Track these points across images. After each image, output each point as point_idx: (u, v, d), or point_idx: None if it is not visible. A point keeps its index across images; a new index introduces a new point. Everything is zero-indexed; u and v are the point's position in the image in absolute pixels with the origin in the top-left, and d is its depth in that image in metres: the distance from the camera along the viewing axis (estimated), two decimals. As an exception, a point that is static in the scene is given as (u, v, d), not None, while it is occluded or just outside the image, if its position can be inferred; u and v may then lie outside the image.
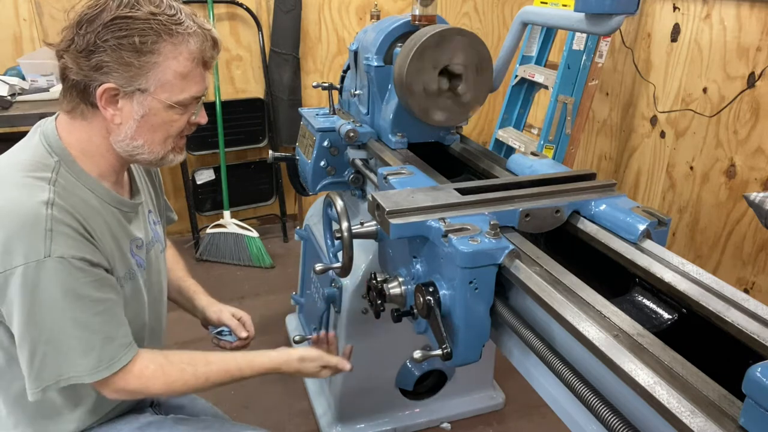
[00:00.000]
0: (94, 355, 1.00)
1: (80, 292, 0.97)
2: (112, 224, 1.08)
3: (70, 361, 0.99)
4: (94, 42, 0.95)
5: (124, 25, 0.95)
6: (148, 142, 1.05)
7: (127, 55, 0.96)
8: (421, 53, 1.48)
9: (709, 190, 2.36)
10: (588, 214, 1.15)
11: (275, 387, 2.29)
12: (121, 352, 1.03)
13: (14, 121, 2.35)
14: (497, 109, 3.07)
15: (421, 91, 1.53)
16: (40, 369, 0.98)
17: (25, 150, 1.05)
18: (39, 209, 0.95)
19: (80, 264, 0.97)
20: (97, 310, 1.00)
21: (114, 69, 0.96)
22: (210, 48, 1.04)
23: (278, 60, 3.16)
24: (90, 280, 0.99)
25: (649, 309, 0.98)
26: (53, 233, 0.94)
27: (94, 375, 1.00)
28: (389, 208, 1.05)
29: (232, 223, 3.17)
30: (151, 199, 1.28)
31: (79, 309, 0.98)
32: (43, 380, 0.99)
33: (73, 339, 0.98)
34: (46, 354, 0.97)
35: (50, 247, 0.94)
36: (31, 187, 0.97)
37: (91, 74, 0.97)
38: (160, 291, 1.27)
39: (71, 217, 0.98)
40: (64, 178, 1.02)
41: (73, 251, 0.96)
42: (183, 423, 1.23)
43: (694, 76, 2.38)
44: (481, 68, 1.56)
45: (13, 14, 2.77)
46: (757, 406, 0.57)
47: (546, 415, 2.14)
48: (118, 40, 0.95)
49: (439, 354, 1.00)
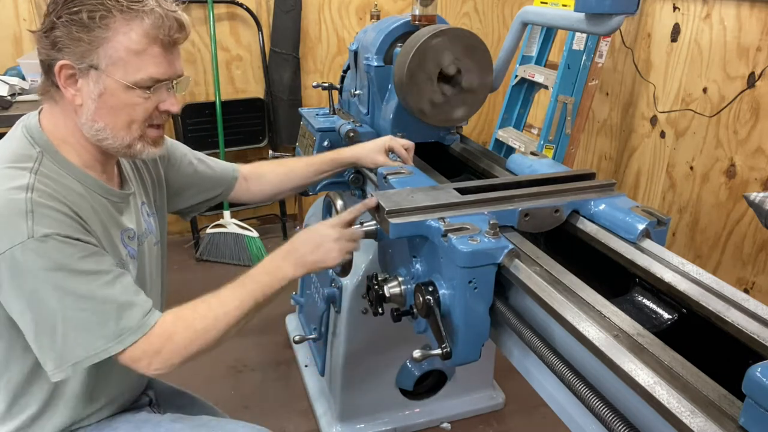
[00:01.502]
0: (112, 325, 0.97)
1: (76, 267, 0.95)
2: (101, 212, 1.06)
3: (93, 333, 0.96)
4: (52, 21, 0.96)
5: (78, 2, 0.96)
6: (110, 125, 1.03)
7: (77, 30, 0.96)
8: (420, 54, 1.48)
9: (709, 190, 2.36)
10: (587, 213, 1.15)
11: (275, 387, 2.29)
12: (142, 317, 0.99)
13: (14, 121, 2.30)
14: (497, 109, 3.07)
15: (421, 92, 1.53)
16: (65, 347, 0.95)
17: (7, 142, 1.05)
18: (17, 194, 0.93)
19: (68, 240, 0.94)
20: (103, 281, 0.97)
21: (66, 45, 0.96)
22: (170, 28, 1.01)
23: (278, 60, 3.16)
24: (84, 254, 0.96)
25: (649, 309, 0.98)
26: (34, 214, 0.92)
27: (119, 344, 0.97)
28: (389, 208, 1.05)
29: (232, 222, 3.17)
30: (145, 191, 1.25)
31: (78, 283, 0.95)
32: (74, 356, 0.96)
33: (85, 312, 0.95)
34: (66, 332, 0.95)
35: (32, 228, 0.91)
36: (11, 177, 0.96)
37: (51, 53, 0.97)
38: (153, 282, 1.24)
39: (55, 200, 0.96)
40: (47, 168, 1.00)
41: (59, 229, 0.94)
42: (181, 421, 1.21)
43: (694, 76, 2.38)
44: (481, 68, 1.56)
45: (13, 14, 2.77)
46: (757, 406, 0.57)
47: (546, 415, 2.14)
48: (70, 16, 0.95)
49: (439, 353, 1.00)
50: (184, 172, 1.38)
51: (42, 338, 0.96)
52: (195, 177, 1.40)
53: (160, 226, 1.30)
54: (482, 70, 1.56)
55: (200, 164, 1.42)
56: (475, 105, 1.61)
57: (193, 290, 1.09)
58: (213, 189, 1.44)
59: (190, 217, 1.53)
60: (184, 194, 1.40)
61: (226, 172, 1.46)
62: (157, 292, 1.27)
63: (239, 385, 2.30)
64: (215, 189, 1.44)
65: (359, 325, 1.82)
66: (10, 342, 1.04)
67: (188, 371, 1.22)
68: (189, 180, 1.39)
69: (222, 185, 1.45)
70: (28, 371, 1.06)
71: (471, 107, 1.61)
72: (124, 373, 1.14)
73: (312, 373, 2.25)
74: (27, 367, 1.06)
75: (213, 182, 1.43)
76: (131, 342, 0.98)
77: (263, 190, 1.51)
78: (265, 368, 2.39)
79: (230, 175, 1.46)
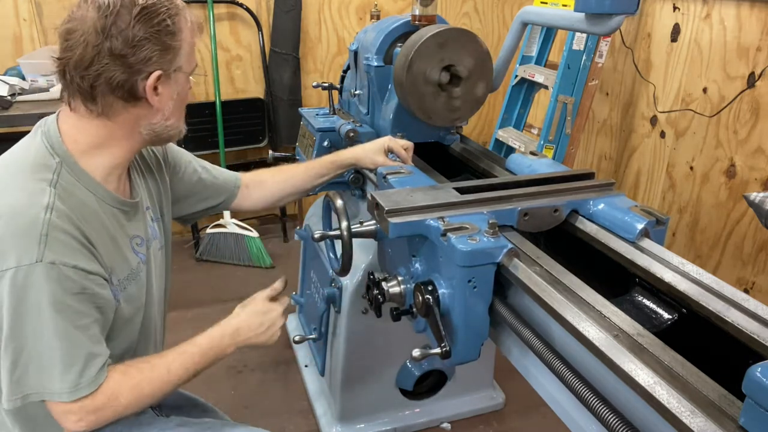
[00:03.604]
0: (74, 371, 0.97)
1: (67, 302, 0.95)
2: (110, 226, 1.08)
3: (51, 375, 0.96)
4: (132, 37, 0.97)
5: (153, 11, 0.98)
6: (176, 117, 1.10)
7: (166, 39, 1.00)
8: (420, 54, 1.48)
9: (709, 190, 2.36)
10: (586, 213, 1.15)
11: (275, 387, 2.29)
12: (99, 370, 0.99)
13: (14, 121, 2.34)
14: (497, 109, 3.07)
15: (421, 91, 1.53)
16: (21, 377, 0.96)
17: (27, 150, 1.05)
18: (38, 213, 0.95)
19: (71, 272, 0.95)
20: (82, 323, 0.98)
21: (158, 56, 1.00)
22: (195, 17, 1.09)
23: (278, 60, 3.16)
24: (77, 292, 0.97)
25: (649, 309, 0.98)
26: (48, 238, 0.94)
27: (73, 393, 0.97)
28: (388, 207, 1.05)
29: (232, 222, 3.17)
30: (150, 196, 1.27)
31: (63, 319, 0.95)
32: (26, 387, 0.96)
33: (56, 351, 0.95)
34: (28, 364, 0.95)
35: (43, 252, 0.93)
36: (32, 191, 0.97)
37: (140, 67, 0.99)
38: (159, 287, 1.26)
39: (69, 223, 0.97)
40: (64, 180, 1.01)
41: (66, 258, 0.95)
42: (186, 425, 1.22)
43: (694, 76, 2.38)
44: (480, 68, 1.56)
45: (13, 14, 2.77)
46: (757, 406, 0.57)
47: (546, 415, 2.14)
48: (154, 28, 0.98)
49: (438, 352, 1.00)
50: (188, 180, 1.39)
51: (5, 359, 0.96)
52: (199, 184, 1.41)
53: (164, 232, 1.31)
54: (482, 71, 1.56)
55: (204, 172, 1.43)
56: (475, 106, 1.61)
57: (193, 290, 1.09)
58: (215, 197, 1.45)
59: (190, 223, 1.54)
60: (187, 201, 1.42)
61: (228, 181, 1.47)
62: (160, 296, 1.29)
63: (239, 385, 2.30)
64: (218, 197, 1.45)
65: (359, 325, 1.82)
66: None
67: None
68: (193, 187, 1.41)
69: (224, 193, 1.46)
70: None
71: (471, 108, 1.61)
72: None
73: (312, 373, 2.25)
74: None
75: (216, 190, 1.45)
76: (81, 396, 0.98)
77: (265, 196, 1.52)
78: (265, 368, 2.39)
79: (233, 184, 1.47)
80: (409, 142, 1.49)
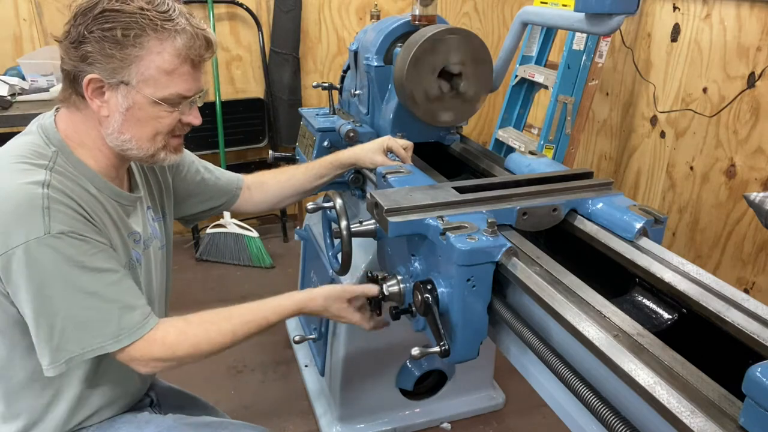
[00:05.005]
0: (113, 325, 0.99)
1: (87, 264, 0.97)
2: (112, 214, 1.09)
3: (91, 331, 0.98)
4: (82, 33, 0.97)
5: (111, 18, 0.97)
6: (135, 137, 1.05)
7: (110, 47, 0.97)
8: (420, 54, 1.48)
9: (709, 190, 2.36)
10: (585, 212, 1.15)
11: (275, 387, 2.29)
12: (142, 320, 1.02)
13: (14, 121, 2.34)
14: (497, 109, 3.07)
15: (422, 92, 1.53)
16: (61, 342, 0.97)
17: (21, 140, 1.05)
18: (34, 189, 0.95)
19: (81, 238, 0.97)
20: (110, 279, 1.00)
21: (98, 60, 0.98)
22: (201, 47, 1.03)
23: (278, 60, 3.16)
24: (95, 252, 0.99)
25: (649, 309, 0.98)
26: (50, 210, 0.94)
27: (117, 343, 1.00)
28: (387, 206, 1.05)
29: (232, 222, 3.17)
30: (151, 195, 1.27)
31: (88, 280, 0.97)
32: (67, 351, 0.98)
33: (90, 310, 0.98)
34: (65, 328, 0.97)
35: (49, 224, 0.94)
36: (26, 171, 0.97)
37: (80, 65, 0.99)
38: (158, 286, 1.26)
39: (68, 198, 0.98)
40: (61, 167, 1.02)
41: (74, 227, 0.96)
42: (183, 422, 1.22)
43: (694, 76, 2.38)
44: (480, 67, 1.56)
45: (13, 14, 2.77)
46: (757, 406, 0.57)
47: (546, 415, 2.14)
48: (103, 32, 0.96)
49: (437, 351, 1.00)
50: (191, 180, 1.40)
51: (41, 332, 0.97)
52: (201, 185, 1.42)
53: (165, 232, 1.31)
54: (482, 71, 1.56)
55: (207, 173, 1.43)
56: (476, 105, 1.61)
57: (193, 290, 1.09)
58: (217, 198, 1.45)
59: (192, 224, 1.55)
60: (189, 201, 1.42)
61: (231, 182, 1.47)
62: (161, 295, 1.29)
63: (239, 385, 2.30)
64: (220, 198, 1.45)
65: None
66: (13, 342, 1.05)
67: (188, 371, 1.22)
68: (195, 188, 1.41)
69: (226, 195, 1.46)
70: (31, 371, 1.07)
71: (471, 107, 1.61)
72: (124, 374, 1.15)
73: (312, 373, 2.25)
74: (30, 368, 1.07)
75: (218, 191, 1.45)
76: (128, 343, 1.01)
77: (266, 198, 1.52)
78: (265, 368, 2.39)
79: (235, 185, 1.47)
80: (408, 142, 1.49)
